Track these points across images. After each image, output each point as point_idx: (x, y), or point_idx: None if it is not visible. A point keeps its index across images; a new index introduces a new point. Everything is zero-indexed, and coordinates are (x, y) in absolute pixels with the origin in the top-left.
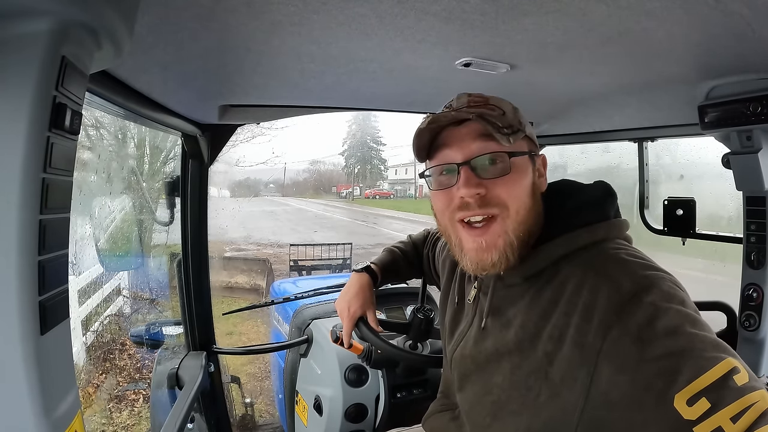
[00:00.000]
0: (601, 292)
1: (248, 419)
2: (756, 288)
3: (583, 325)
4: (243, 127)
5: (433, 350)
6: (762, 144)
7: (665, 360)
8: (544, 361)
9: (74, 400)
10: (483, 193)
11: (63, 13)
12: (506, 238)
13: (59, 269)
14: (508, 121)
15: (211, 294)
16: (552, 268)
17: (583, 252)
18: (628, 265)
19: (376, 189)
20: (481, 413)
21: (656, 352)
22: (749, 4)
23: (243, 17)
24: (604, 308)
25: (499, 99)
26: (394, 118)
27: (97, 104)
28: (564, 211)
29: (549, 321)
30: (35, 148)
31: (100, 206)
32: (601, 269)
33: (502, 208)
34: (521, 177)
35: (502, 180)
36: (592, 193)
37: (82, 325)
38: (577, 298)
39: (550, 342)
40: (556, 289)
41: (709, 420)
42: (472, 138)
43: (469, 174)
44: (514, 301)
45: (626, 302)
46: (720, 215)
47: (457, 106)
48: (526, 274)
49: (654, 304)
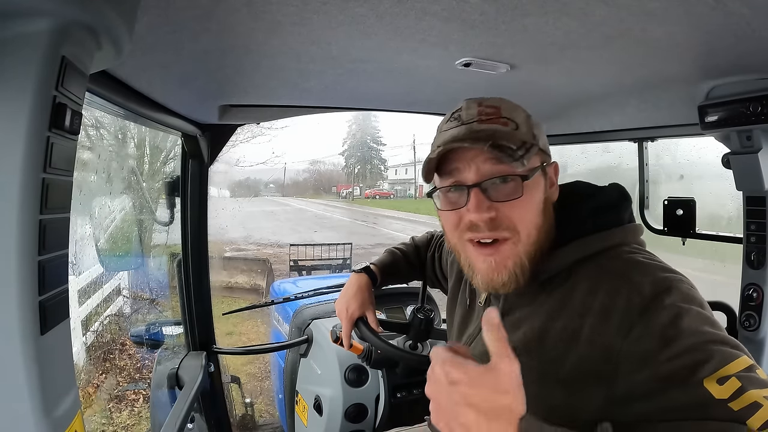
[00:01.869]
0: (620, 294)
1: (248, 419)
2: (756, 288)
3: (599, 326)
4: (243, 127)
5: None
6: (762, 144)
7: (690, 354)
8: (555, 362)
9: (74, 400)
10: (494, 216)
11: (63, 13)
12: (516, 260)
13: (59, 269)
14: (521, 137)
15: (211, 294)
16: (565, 272)
17: (597, 256)
18: (647, 267)
19: (376, 189)
20: None
21: (680, 348)
22: (749, 4)
23: (243, 17)
24: (624, 309)
25: (511, 107)
26: (394, 118)
27: (97, 104)
28: (579, 214)
29: (559, 322)
30: (35, 148)
31: (100, 206)
32: (619, 272)
33: (513, 232)
34: (533, 197)
35: (514, 203)
36: (607, 196)
37: (82, 325)
38: (593, 299)
39: (561, 342)
40: (567, 291)
41: (742, 397)
42: (484, 158)
43: (480, 197)
44: (525, 304)
45: (648, 303)
46: (720, 215)
47: (467, 119)
48: (539, 280)
49: (676, 305)
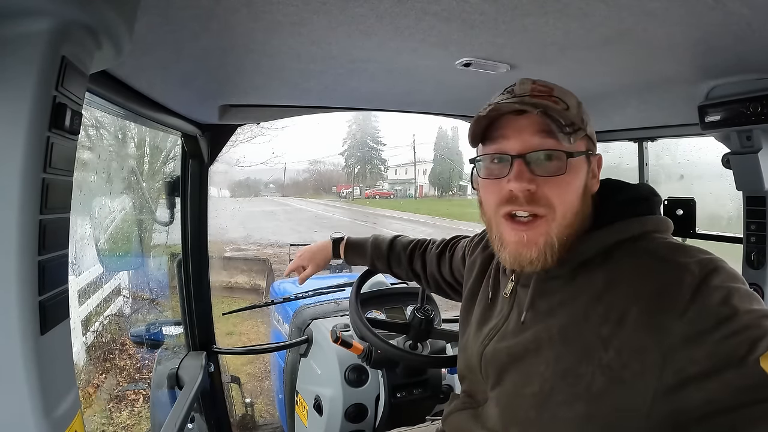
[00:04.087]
0: (668, 275)
1: (248, 419)
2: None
3: (650, 308)
4: (243, 127)
5: (433, 350)
6: (762, 144)
7: (745, 332)
8: (597, 346)
9: (74, 400)
10: (533, 190)
11: (63, 13)
12: (548, 239)
13: (59, 269)
14: (571, 117)
15: (211, 294)
16: (602, 256)
17: (635, 241)
18: (689, 250)
19: (376, 189)
20: (522, 406)
21: (735, 326)
22: (749, 4)
23: (243, 17)
24: (676, 290)
25: (563, 91)
26: (394, 118)
27: (97, 104)
28: (615, 202)
29: (602, 304)
30: (35, 148)
31: (100, 206)
32: (663, 254)
33: (549, 209)
34: (574, 179)
35: (555, 180)
36: (639, 190)
37: (82, 325)
38: (640, 282)
39: (606, 325)
40: (610, 273)
41: None
42: (532, 131)
43: (522, 167)
44: (558, 290)
45: (699, 284)
46: (720, 215)
47: (520, 93)
48: (574, 263)
49: (725, 285)
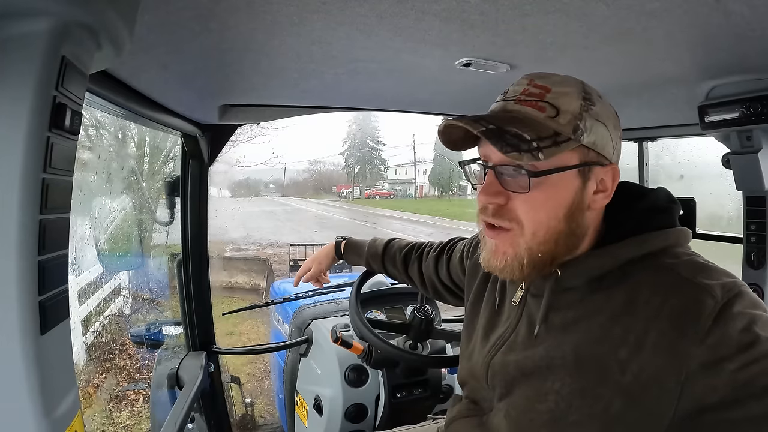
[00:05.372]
0: (691, 297)
1: (248, 419)
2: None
3: (670, 331)
4: (243, 127)
5: (433, 350)
6: (762, 144)
7: (767, 360)
8: (614, 369)
9: (74, 400)
10: (502, 203)
11: (63, 13)
12: (516, 252)
13: (59, 269)
14: (555, 128)
15: (211, 294)
16: (618, 271)
17: (655, 257)
18: (712, 271)
19: (376, 189)
20: (535, 423)
21: (756, 354)
22: (749, 4)
23: (243, 17)
24: (698, 314)
25: (564, 92)
26: (394, 118)
27: (97, 104)
28: (633, 212)
29: (620, 325)
30: (35, 148)
31: (100, 206)
32: (685, 275)
33: (517, 225)
34: (549, 197)
35: (522, 197)
36: (657, 198)
37: (82, 325)
38: (661, 302)
39: (624, 348)
40: (628, 292)
41: None
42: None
43: (492, 179)
44: (573, 304)
45: (721, 309)
46: (720, 215)
47: (510, 95)
48: (589, 276)
49: (747, 311)
